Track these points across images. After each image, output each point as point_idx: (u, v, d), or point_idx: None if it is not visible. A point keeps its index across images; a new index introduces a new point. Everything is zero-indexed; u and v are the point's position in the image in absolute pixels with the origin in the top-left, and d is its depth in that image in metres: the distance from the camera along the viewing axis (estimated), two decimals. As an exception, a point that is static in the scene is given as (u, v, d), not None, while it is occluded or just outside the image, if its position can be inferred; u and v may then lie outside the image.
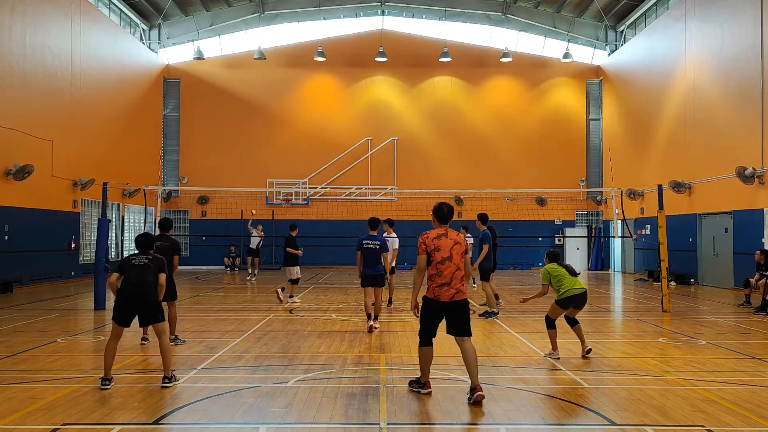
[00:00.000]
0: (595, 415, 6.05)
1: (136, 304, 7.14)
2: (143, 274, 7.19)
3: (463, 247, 6.63)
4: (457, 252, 6.55)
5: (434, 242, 6.56)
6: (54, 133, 20.35)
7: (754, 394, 6.74)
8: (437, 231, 6.67)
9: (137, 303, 7.14)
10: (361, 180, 30.36)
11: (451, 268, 6.49)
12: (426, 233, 6.65)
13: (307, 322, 11.90)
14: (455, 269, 6.51)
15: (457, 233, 6.70)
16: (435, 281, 6.52)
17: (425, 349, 6.62)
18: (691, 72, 22.03)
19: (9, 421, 5.68)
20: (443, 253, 6.51)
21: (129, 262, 7.30)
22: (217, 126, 30.44)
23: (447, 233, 6.64)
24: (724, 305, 15.36)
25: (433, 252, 6.53)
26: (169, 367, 7.02)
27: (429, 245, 6.55)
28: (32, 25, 19.43)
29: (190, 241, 30.32)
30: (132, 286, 7.14)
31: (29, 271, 19.01)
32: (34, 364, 8.16)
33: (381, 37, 30.09)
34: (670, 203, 18.45)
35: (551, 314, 8.76)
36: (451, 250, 6.54)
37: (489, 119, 31.09)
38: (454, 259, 6.52)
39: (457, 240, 6.61)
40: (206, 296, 16.94)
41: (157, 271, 7.30)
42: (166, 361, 7.03)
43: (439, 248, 6.53)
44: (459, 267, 6.54)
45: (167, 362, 7.03)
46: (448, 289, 6.47)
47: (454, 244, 6.57)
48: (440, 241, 6.57)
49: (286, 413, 6.01)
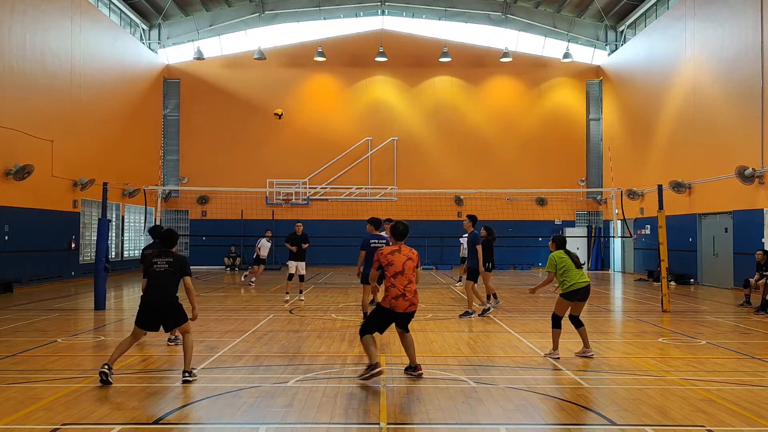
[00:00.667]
0: (595, 415, 6.05)
1: (158, 311, 7.22)
2: (164, 281, 7.23)
3: (415, 262, 7.33)
4: (408, 267, 7.24)
5: (388, 257, 7.24)
6: (54, 133, 20.35)
7: (754, 394, 6.74)
8: (391, 248, 7.35)
9: (159, 311, 7.22)
10: (361, 180, 30.36)
11: (403, 281, 7.16)
12: (381, 249, 7.36)
13: (307, 322, 11.91)
14: (407, 282, 7.18)
15: (410, 249, 7.39)
16: (391, 292, 7.16)
17: (367, 337, 7.21)
18: (691, 72, 22.03)
19: (9, 421, 5.68)
20: (396, 267, 7.19)
21: (151, 267, 7.31)
22: (217, 126, 30.44)
23: (400, 249, 7.32)
24: (724, 305, 15.36)
25: (387, 266, 7.21)
26: (189, 363, 7.21)
27: (383, 260, 7.25)
28: (32, 25, 19.43)
29: (190, 241, 30.33)
30: (154, 293, 7.24)
31: (29, 271, 19.01)
32: (34, 364, 8.16)
33: (381, 37, 30.09)
34: (670, 203, 18.45)
35: (558, 311, 8.64)
36: (404, 265, 7.22)
37: (489, 119, 31.09)
38: (406, 273, 7.20)
39: (410, 256, 7.32)
40: (206, 296, 16.93)
41: (180, 275, 7.31)
42: (188, 356, 7.20)
43: (392, 263, 7.21)
44: (411, 280, 7.23)
45: (189, 358, 7.21)
46: (404, 301, 7.15)
47: (407, 260, 7.26)
48: (393, 256, 7.24)
49: (286, 413, 6.01)
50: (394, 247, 7.35)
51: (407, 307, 7.18)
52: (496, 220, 24.37)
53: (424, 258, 29.73)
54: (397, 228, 7.45)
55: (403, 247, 7.36)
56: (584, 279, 8.58)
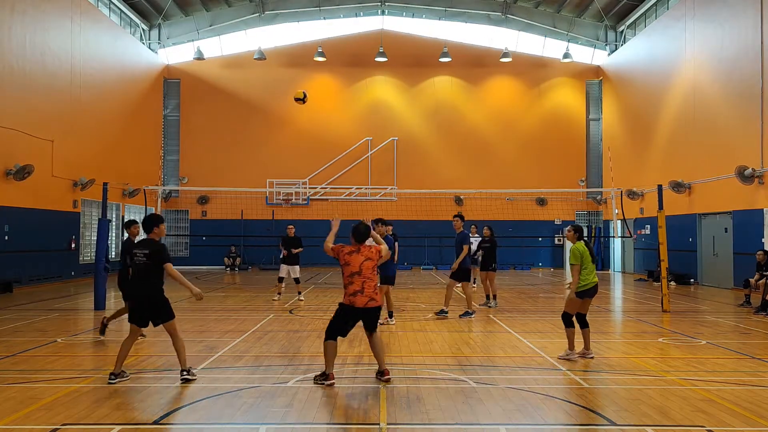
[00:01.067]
0: (595, 415, 6.05)
1: (145, 305, 7.20)
2: (145, 274, 7.17)
3: (374, 262, 7.29)
4: (366, 267, 7.22)
5: (346, 257, 7.25)
6: (54, 133, 20.34)
7: (754, 394, 6.74)
8: (350, 248, 7.31)
9: (146, 305, 7.19)
10: (361, 180, 30.36)
11: (360, 281, 7.16)
12: (343, 246, 7.31)
13: (307, 322, 11.90)
14: (365, 280, 7.16)
15: (370, 248, 7.36)
16: (348, 290, 7.16)
17: (329, 342, 7.12)
18: (691, 72, 22.04)
19: (9, 421, 5.68)
20: (353, 267, 7.19)
21: (133, 258, 7.21)
22: (217, 126, 30.44)
23: (359, 250, 7.29)
24: (724, 305, 15.36)
25: (344, 266, 7.23)
26: (185, 362, 7.21)
27: (341, 258, 7.27)
28: (32, 25, 19.43)
29: (190, 241, 30.33)
30: (136, 288, 7.21)
31: (29, 271, 19.01)
32: (34, 364, 8.16)
33: (381, 37, 30.09)
34: (670, 203, 18.44)
35: (569, 309, 8.50)
36: (361, 265, 7.21)
37: (489, 119, 31.09)
38: (364, 272, 7.19)
39: (369, 256, 7.28)
40: (206, 296, 16.91)
41: (159, 264, 7.13)
42: (181, 356, 7.19)
43: (348, 263, 7.21)
44: (369, 278, 7.20)
45: (183, 357, 7.20)
46: (362, 296, 7.11)
47: (365, 260, 7.24)
48: (351, 257, 7.23)
49: (286, 413, 6.01)
50: (353, 248, 7.30)
51: (366, 302, 7.10)
52: (496, 220, 24.36)
53: (424, 258, 29.74)
54: (357, 229, 7.38)
55: (363, 248, 7.31)
56: (595, 277, 8.51)
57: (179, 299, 16.24)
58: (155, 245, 7.24)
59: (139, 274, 7.20)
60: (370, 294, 7.14)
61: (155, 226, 7.33)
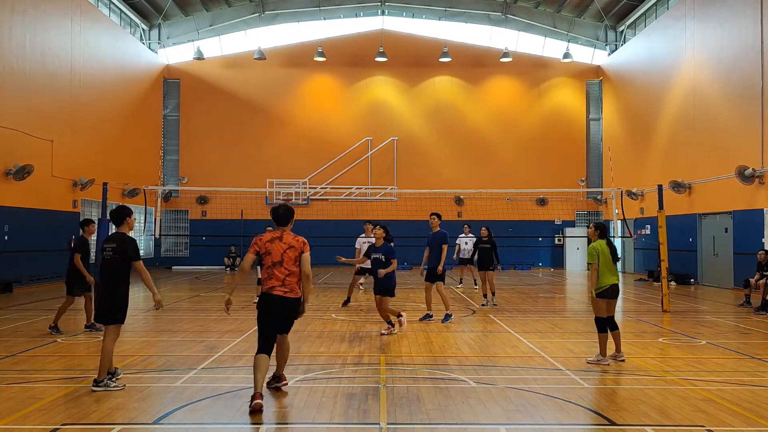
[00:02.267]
0: (595, 415, 6.05)
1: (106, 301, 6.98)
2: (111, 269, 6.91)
3: (298, 251, 6.42)
4: (288, 257, 6.38)
5: (266, 245, 6.42)
6: (54, 133, 20.34)
7: (754, 394, 6.73)
8: (271, 234, 6.50)
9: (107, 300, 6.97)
10: (361, 180, 30.36)
11: (283, 272, 6.37)
12: (260, 235, 6.54)
13: (307, 322, 11.90)
14: (287, 273, 6.38)
15: (295, 237, 6.49)
16: (267, 284, 6.41)
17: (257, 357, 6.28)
18: (691, 72, 22.03)
19: (9, 421, 5.67)
20: (274, 257, 6.37)
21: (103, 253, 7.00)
22: (217, 126, 30.44)
23: (282, 236, 6.46)
24: (724, 305, 15.35)
25: (265, 255, 6.41)
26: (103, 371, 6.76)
27: (260, 248, 6.43)
28: (32, 25, 19.43)
29: (190, 241, 30.33)
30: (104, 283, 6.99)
31: (29, 271, 19.01)
32: (34, 364, 8.16)
33: (381, 37, 30.09)
34: (670, 203, 18.44)
35: (598, 312, 8.18)
36: (283, 254, 6.38)
37: (489, 119, 31.09)
38: (285, 263, 6.37)
39: (292, 244, 6.42)
40: (206, 296, 16.93)
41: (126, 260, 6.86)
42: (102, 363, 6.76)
43: (269, 252, 6.39)
44: (292, 271, 6.41)
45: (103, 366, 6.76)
46: (282, 287, 6.36)
47: (287, 248, 6.40)
48: (273, 245, 6.41)
49: (286, 413, 6.00)
50: (275, 234, 6.47)
51: (285, 292, 6.35)
52: (496, 220, 24.38)
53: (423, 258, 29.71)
54: (276, 211, 6.59)
55: (286, 234, 6.47)
56: (615, 277, 8.21)
57: (179, 299, 16.24)
58: (123, 239, 6.92)
59: (105, 269, 6.92)
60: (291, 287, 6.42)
61: (126, 218, 7.02)
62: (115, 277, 6.87)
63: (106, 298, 6.90)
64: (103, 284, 6.97)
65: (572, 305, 16.22)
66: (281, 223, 6.56)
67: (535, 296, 17.40)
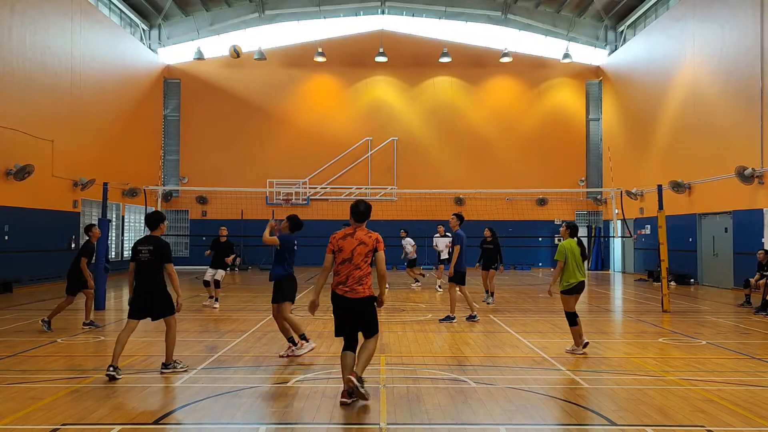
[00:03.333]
0: (595, 415, 6.05)
1: (145, 300, 7.49)
2: (147, 270, 7.45)
3: (369, 248, 6.39)
4: (358, 253, 6.36)
5: (338, 243, 6.45)
6: (54, 133, 20.34)
7: (754, 394, 6.74)
8: (344, 231, 6.51)
9: (146, 300, 7.48)
10: (361, 180, 30.37)
11: (349, 269, 6.37)
12: (335, 233, 6.54)
13: (307, 322, 11.90)
14: (353, 269, 6.36)
15: (368, 233, 6.45)
16: (333, 281, 6.48)
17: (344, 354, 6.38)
18: (691, 72, 22.04)
19: (9, 421, 5.68)
20: (344, 254, 6.39)
21: (137, 255, 7.51)
22: (217, 126, 30.45)
23: (355, 233, 6.45)
24: (724, 305, 15.36)
25: (337, 252, 6.43)
26: (171, 356, 7.60)
27: (334, 245, 6.46)
28: (32, 25, 19.43)
29: (190, 241, 30.32)
30: (140, 283, 7.48)
31: (29, 271, 19.01)
32: (34, 364, 8.16)
33: (381, 37, 30.08)
34: (669, 203, 18.45)
35: (569, 308, 8.77)
36: (353, 251, 6.37)
37: (489, 119, 31.10)
38: (354, 260, 6.36)
39: (363, 240, 6.40)
40: (206, 296, 16.92)
41: (159, 263, 7.46)
42: (169, 350, 7.58)
43: (341, 248, 6.42)
44: (359, 268, 6.36)
45: (170, 351, 7.59)
46: (344, 285, 6.37)
47: (358, 244, 6.39)
48: (344, 241, 6.42)
49: (286, 413, 6.01)
50: (348, 230, 6.48)
51: (346, 292, 6.33)
52: (496, 220, 24.39)
53: (424, 258, 29.72)
54: (357, 207, 6.53)
55: (359, 231, 6.46)
56: (583, 275, 8.76)
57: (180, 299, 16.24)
58: (160, 243, 7.51)
59: (141, 270, 7.46)
60: (352, 285, 6.36)
61: (160, 223, 7.70)
62: (149, 278, 7.45)
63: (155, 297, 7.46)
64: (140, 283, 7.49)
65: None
66: (360, 219, 6.52)
67: (535, 296, 17.41)
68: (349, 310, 6.37)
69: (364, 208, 6.54)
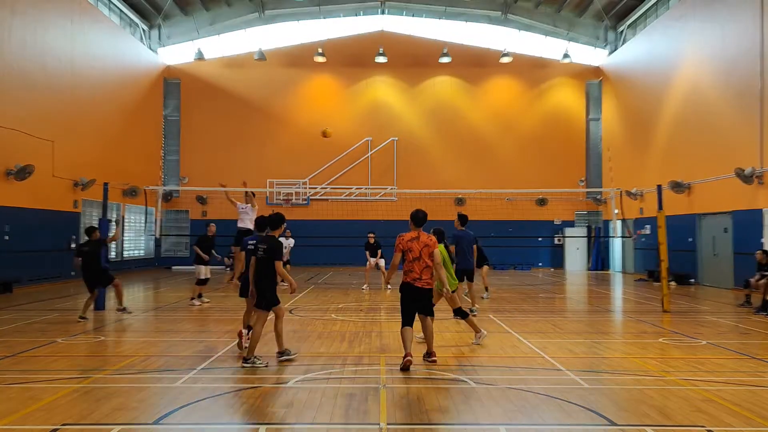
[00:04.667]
0: (595, 415, 6.04)
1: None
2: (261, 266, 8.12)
3: (432, 248, 8.01)
4: (425, 253, 8.00)
5: (408, 244, 8.00)
6: (54, 133, 20.34)
7: (754, 394, 6.73)
8: (411, 234, 8.07)
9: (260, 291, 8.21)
10: (361, 180, 30.36)
11: (420, 266, 7.96)
12: (402, 235, 8.06)
13: (307, 322, 11.90)
14: (424, 266, 7.98)
15: (428, 236, 8.11)
16: (408, 276, 7.99)
17: (405, 329, 7.91)
18: (691, 72, 22.04)
19: (9, 421, 5.68)
20: (414, 254, 7.98)
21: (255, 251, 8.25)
22: (217, 126, 30.45)
23: (419, 236, 8.05)
24: (724, 305, 15.35)
25: (407, 252, 8.01)
26: (282, 344, 8.35)
27: (404, 246, 8.02)
28: (32, 25, 19.43)
29: (190, 241, 30.29)
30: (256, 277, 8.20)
31: (29, 271, 19.00)
32: (34, 364, 8.16)
33: (381, 38, 30.08)
34: (669, 203, 18.44)
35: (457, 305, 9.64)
36: (421, 251, 7.99)
37: (489, 119, 31.10)
38: (423, 258, 7.98)
39: (427, 243, 8.03)
40: (206, 296, 16.92)
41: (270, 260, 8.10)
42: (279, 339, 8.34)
43: (411, 249, 7.99)
44: (428, 264, 8.00)
45: (281, 340, 8.35)
46: (419, 281, 7.96)
47: (424, 246, 8.01)
48: (413, 243, 8.00)
49: (286, 413, 6.01)
50: (413, 234, 8.02)
51: (421, 284, 7.96)
52: (496, 220, 24.42)
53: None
54: (417, 214, 8.06)
55: (422, 234, 8.03)
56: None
57: (179, 299, 16.26)
58: (276, 243, 8.21)
59: (258, 266, 8.16)
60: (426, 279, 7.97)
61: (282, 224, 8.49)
62: (262, 273, 8.13)
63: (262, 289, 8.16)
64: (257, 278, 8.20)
65: (572, 305, 16.23)
66: (419, 224, 8.09)
67: (535, 296, 17.41)
68: (418, 297, 7.98)
69: (423, 216, 8.14)
